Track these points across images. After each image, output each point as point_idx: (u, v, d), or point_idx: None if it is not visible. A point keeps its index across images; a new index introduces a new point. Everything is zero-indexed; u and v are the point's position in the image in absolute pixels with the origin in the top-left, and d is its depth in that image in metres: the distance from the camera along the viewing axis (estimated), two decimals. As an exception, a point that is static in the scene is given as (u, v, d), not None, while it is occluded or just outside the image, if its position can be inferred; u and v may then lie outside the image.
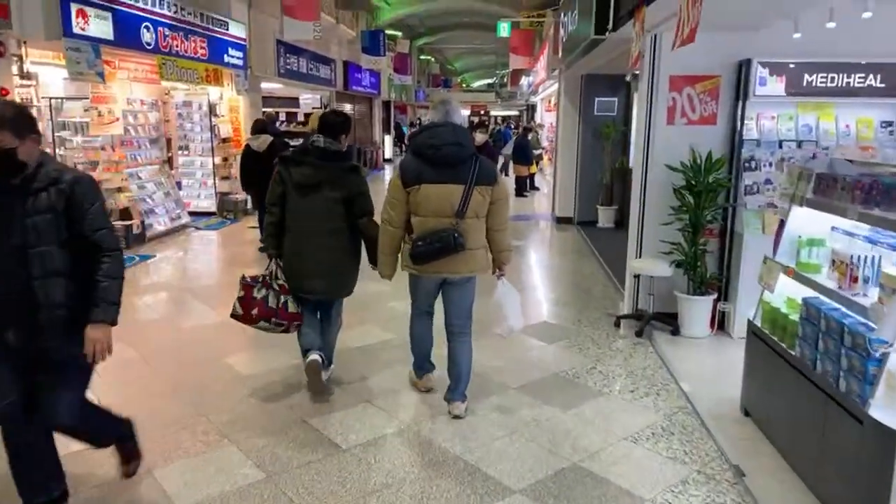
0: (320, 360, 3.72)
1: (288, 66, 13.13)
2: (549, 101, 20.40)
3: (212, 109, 10.59)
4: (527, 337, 5.11)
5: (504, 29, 12.70)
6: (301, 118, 17.30)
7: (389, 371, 4.37)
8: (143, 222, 8.53)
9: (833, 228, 3.17)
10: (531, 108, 25.30)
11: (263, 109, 10.62)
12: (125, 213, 8.46)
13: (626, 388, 4.19)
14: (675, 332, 5.11)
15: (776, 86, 4.87)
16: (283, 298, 3.70)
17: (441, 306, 3.70)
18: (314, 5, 10.84)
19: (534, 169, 14.41)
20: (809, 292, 3.11)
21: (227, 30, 10.19)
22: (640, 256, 5.42)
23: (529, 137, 14.44)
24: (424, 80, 34.83)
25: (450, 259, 3.36)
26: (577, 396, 4.04)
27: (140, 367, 4.47)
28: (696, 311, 5.05)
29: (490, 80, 49.92)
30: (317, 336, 3.85)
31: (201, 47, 9.33)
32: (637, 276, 5.40)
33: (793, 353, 3.15)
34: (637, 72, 10.21)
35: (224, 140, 10.96)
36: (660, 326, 5.21)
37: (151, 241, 8.74)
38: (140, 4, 7.79)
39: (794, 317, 3.21)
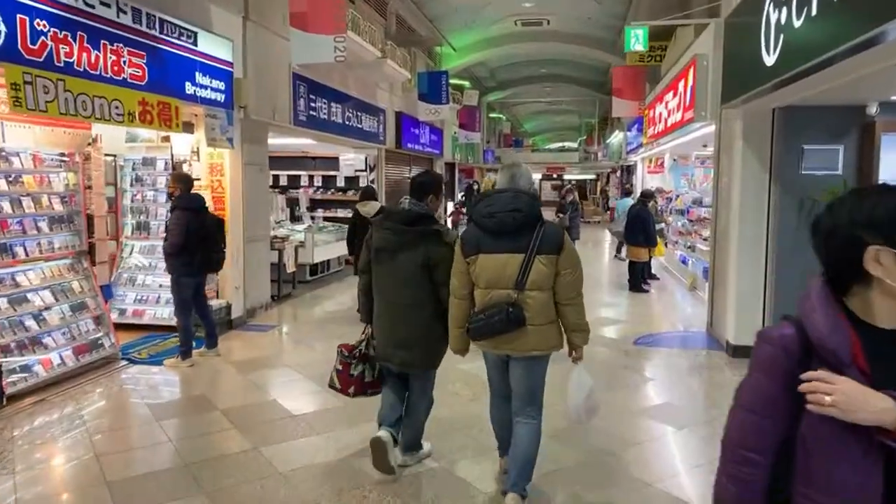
0: (389, 438, 3.56)
1: (311, 112, 9.37)
2: (654, 161, 16.12)
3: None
4: None
5: (637, 38, 8.48)
6: (341, 183, 13.59)
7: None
8: (-4, 370, 4.66)
9: None
10: (625, 170, 20.93)
11: (176, 171, 6.47)
12: (-33, 354, 4.64)
13: None
14: None
15: None
16: (377, 367, 3.71)
17: None
18: (335, 12, 6.99)
19: (660, 251, 10.01)
20: None
21: (195, 44, 6.41)
22: None
23: (649, 206, 10.15)
24: (494, 140, 31.12)
25: (510, 335, 3.08)
26: None
27: None
28: None
29: (562, 144, 46.25)
30: (391, 411, 3.68)
31: (135, 64, 5.56)
32: None
33: None
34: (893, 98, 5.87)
35: (198, 216, 7.15)
36: None
37: (18, 400, 4.85)
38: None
39: None
